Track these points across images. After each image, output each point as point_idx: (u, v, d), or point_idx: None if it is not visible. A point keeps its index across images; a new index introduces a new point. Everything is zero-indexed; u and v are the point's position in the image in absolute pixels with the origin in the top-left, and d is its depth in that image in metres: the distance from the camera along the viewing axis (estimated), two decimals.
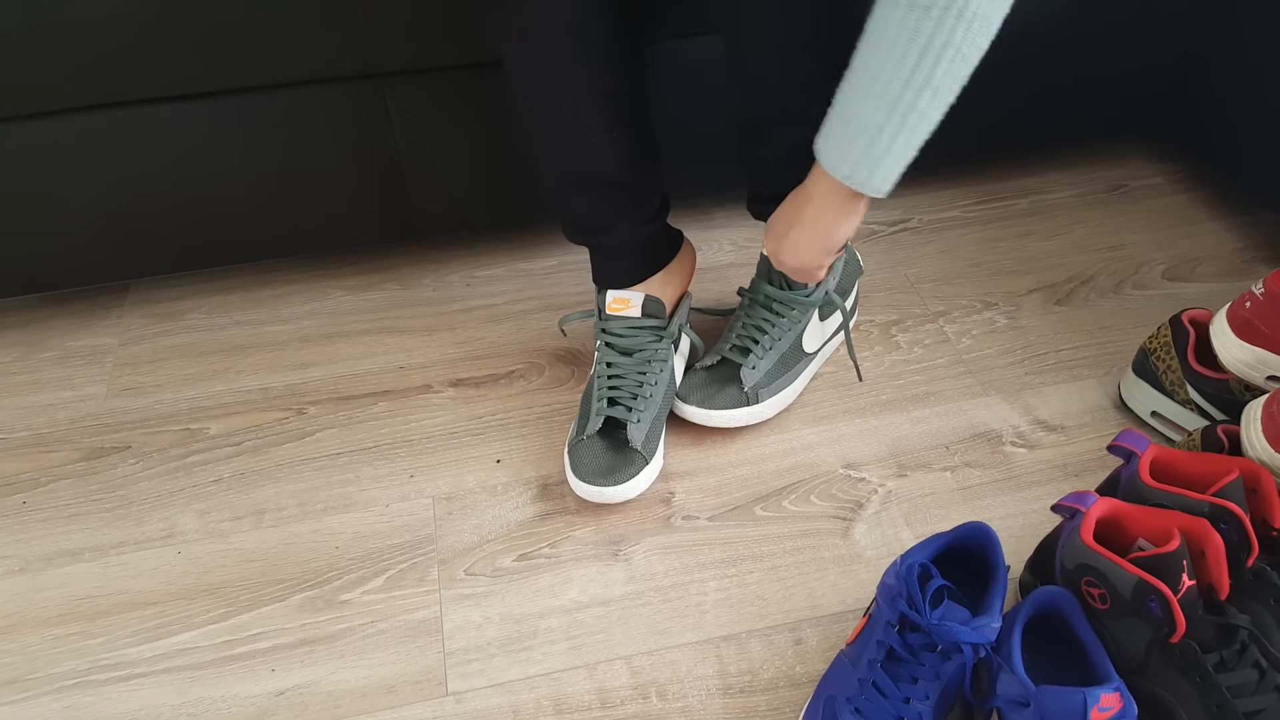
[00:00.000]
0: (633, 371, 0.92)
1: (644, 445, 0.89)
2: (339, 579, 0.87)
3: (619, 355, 0.93)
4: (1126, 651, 0.71)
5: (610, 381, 0.92)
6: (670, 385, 0.95)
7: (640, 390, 0.91)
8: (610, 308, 0.94)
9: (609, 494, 0.88)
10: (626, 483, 0.88)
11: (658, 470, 0.92)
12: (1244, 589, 0.71)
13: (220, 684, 0.80)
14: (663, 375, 0.93)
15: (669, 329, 0.95)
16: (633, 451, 0.89)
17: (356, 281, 1.19)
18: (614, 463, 0.89)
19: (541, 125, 0.86)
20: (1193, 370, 0.91)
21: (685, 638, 0.82)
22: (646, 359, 0.93)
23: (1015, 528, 0.88)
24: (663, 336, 0.94)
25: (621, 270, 0.95)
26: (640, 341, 0.93)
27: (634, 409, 0.90)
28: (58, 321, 1.16)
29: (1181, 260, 1.17)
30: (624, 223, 0.92)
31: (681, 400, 0.95)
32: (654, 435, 0.91)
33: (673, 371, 0.95)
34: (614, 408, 0.91)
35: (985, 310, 1.11)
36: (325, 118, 1.01)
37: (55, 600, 0.86)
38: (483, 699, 0.78)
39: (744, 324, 0.97)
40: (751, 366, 0.94)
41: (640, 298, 0.93)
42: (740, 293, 0.99)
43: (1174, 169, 1.31)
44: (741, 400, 0.94)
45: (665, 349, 0.94)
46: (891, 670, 0.70)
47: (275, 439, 1.00)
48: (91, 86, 0.93)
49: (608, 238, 0.93)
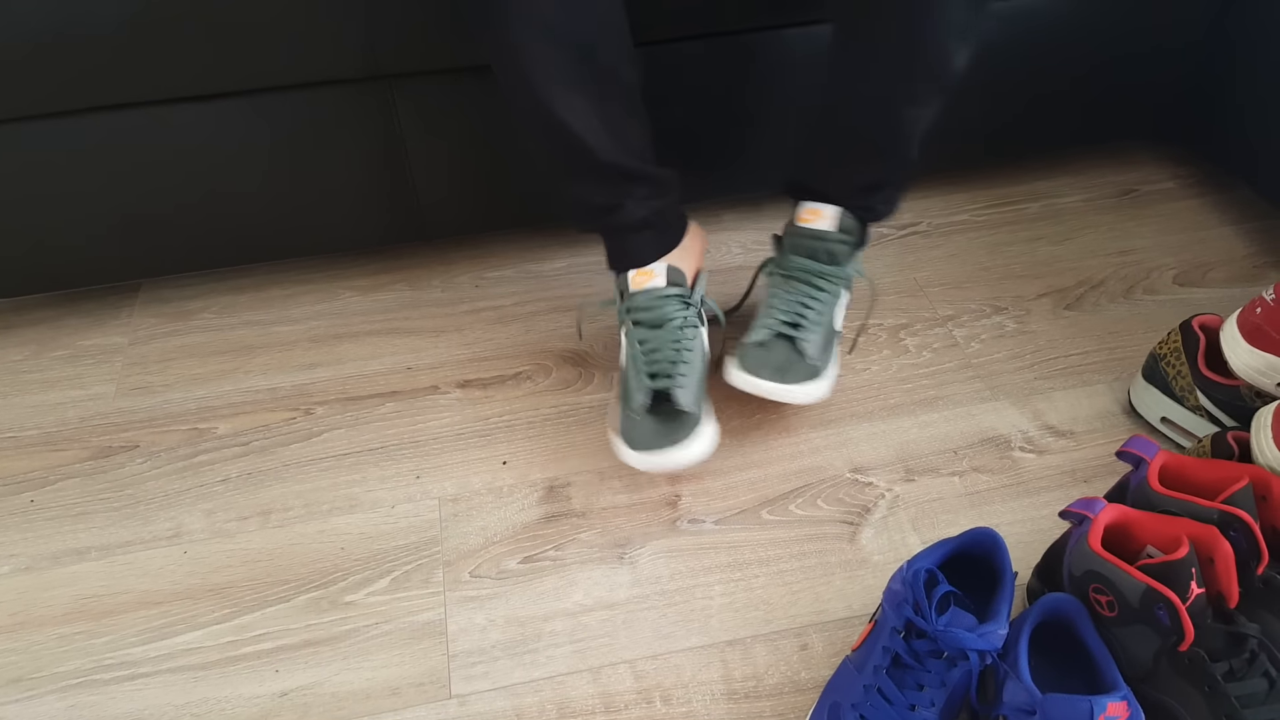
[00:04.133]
0: (667, 343, 0.91)
1: (695, 406, 0.88)
2: (344, 580, 0.87)
3: (649, 330, 0.92)
4: (1134, 659, 0.70)
5: (648, 357, 0.91)
6: (704, 354, 0.94)
7: (679, 356, 0.90)
8: (634, 282, 0.93)
9: (672, 457, 0.85)
10: (686, 443, 0.86)
11: (713, 431, 0.90)
12: (1253, 597, 0.71)
13: (224, 684, 0.80)
14: (696, 342, 0.93)
15: (693, 296, 0.95)
16: (685, 414, 0.87)
17: (365, 282, 1.19)
18: (669, 429, 0.87)
19: (530, 122, 0.86)
20: (1203, 376, 0.90)
21: (690, 642, 0.81)
22: (678, 327, 0.92)
23: (1023, 534, 0.88)
24: (689, 304, 0.94)
25: (636, 249, 0.95)
26: (668, 311, 0.92)
27: (675, 375, 0.89)
28: (69, 320, 1.16)
29: (1192, 265, 1.16)
30: (629, 199, 0.91)
31: (752, 374, 0.90)
32: (701, 398, 0.90)
33: (703, 341, 0.95)
34: (657, 380, 0.89)
35: (994, 314, 1.11)
36: (335, 119, 1.01)
37: (61, 599, 0.86)
38: (486, 702, 0.78)
39: (785, 299, 0.95)
40: (808, 341, 0.92)
41: (664, 267, 0.93)
42: (770, 272, 0.98)
43: (1185, 174, 1.30)
44: (811, 373, 0.92)
45: (694, 316, 0.94)
46: (897, 677, 0.69)
47: (283, 439, 1.00)
48: (102, 88, 0.93)
49: (616, 217, 0.93)
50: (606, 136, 0.86)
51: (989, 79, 1.12)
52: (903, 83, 0.85)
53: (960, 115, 0.98)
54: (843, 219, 0.95)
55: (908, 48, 0.83)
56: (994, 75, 1.12)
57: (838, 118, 0.92)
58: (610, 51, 0.83)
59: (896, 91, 0.86)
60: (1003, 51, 1.10)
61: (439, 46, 0.97)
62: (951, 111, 0.89)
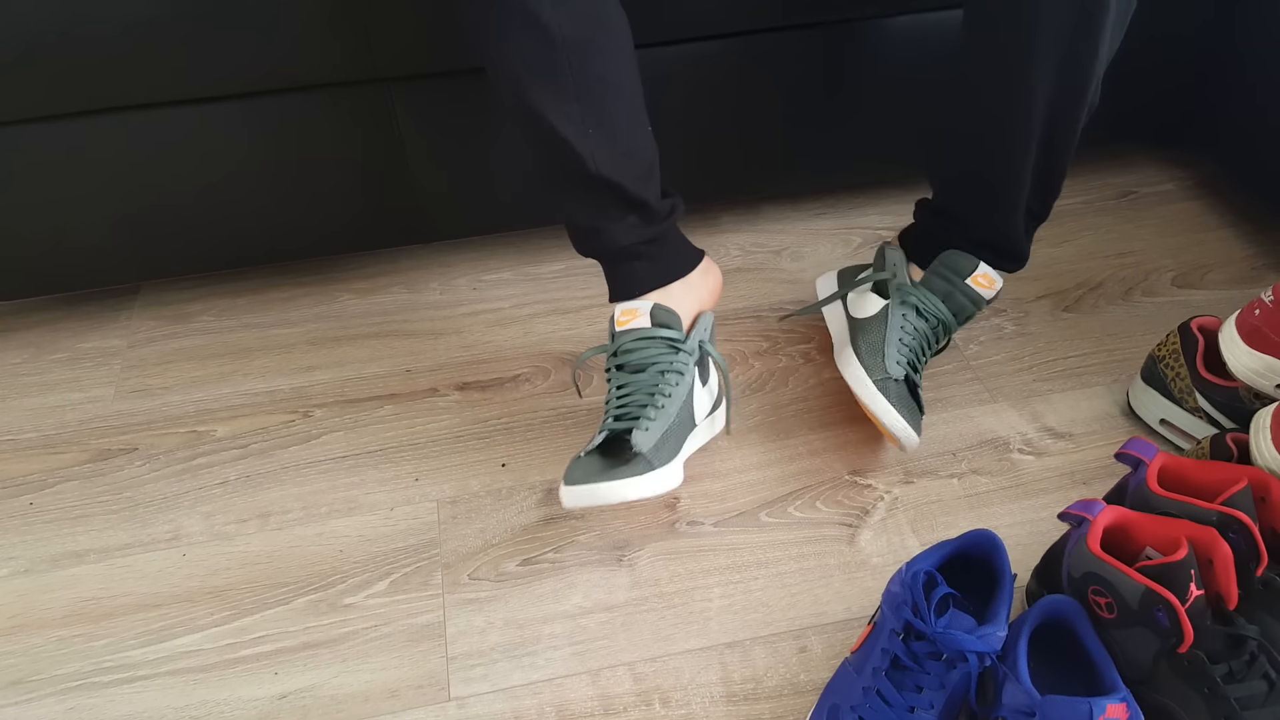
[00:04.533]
0: (644, 386, 0.85)
1: (651, 451, 0.81)
2: (343, 582, 0.87)
3: (630, 375, 0.86)
4: (1133, 661, 0.70)
5: (620, 400, 0.85)
6: (688, 401, 0.87)
7: (651, 400, 0.84)
8: (619, 321, 0.87)
9: (599, 490, 0.79)
10: (624, 480, 0.79)
11: (667, 482, 0.83)
12: (1253, 599, 0.71)
13: (223, 687, 0.80)
14: (679, 388, 0.85)
15: (688, 342, 0.87)
16: (636, 456, 0.82)
17: (364, 285, 1.19)
18: (609, 464, 0.82)
19: (530, 134, 0.82)
20: (1202, 378, 0.90)
21: (689, 644, 0.81)
22: (660, 371, 0.85)
23: (1022, 536, 0.88)
24: (679, 349, 0.86)
25: (621, 280, 0.90)
26: (651, 355, 0.85)
27: (643, 417, 0.83)
28: (68, 323, 1.16)
29: (1191, 267, 1.16)
30: (614, 223, 0.86)
31: (895, 409, 0.86)
32: (666, 445, 0.83)
33: (691, 388, 0.87)
34: (619, 422, 0.84)
35: (993, 317, 1.11)
36: (333, 121, 1.01)
37: (60, 602, 0.86)
38: (485, 704, 0.78)
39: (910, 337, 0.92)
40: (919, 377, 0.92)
41: (648, 305, 0.87)
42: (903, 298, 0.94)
43: (1184, 176, 1.30)
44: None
45: (681, 362, 0.86)
46: (896, 679, 0.69)
47: (281, 442, 1.00)
48: (100, 91, 0.93)
49: (599, 242, 0.88)
50: (599, 147, 0.81)
51: None
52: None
53: None
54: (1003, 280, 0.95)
55: None
56: None
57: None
58: (608, 54, 0.80)
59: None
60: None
61: (437, 49, 0.97)
62: None
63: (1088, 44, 0.81)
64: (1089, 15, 0.79)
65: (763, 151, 1.14)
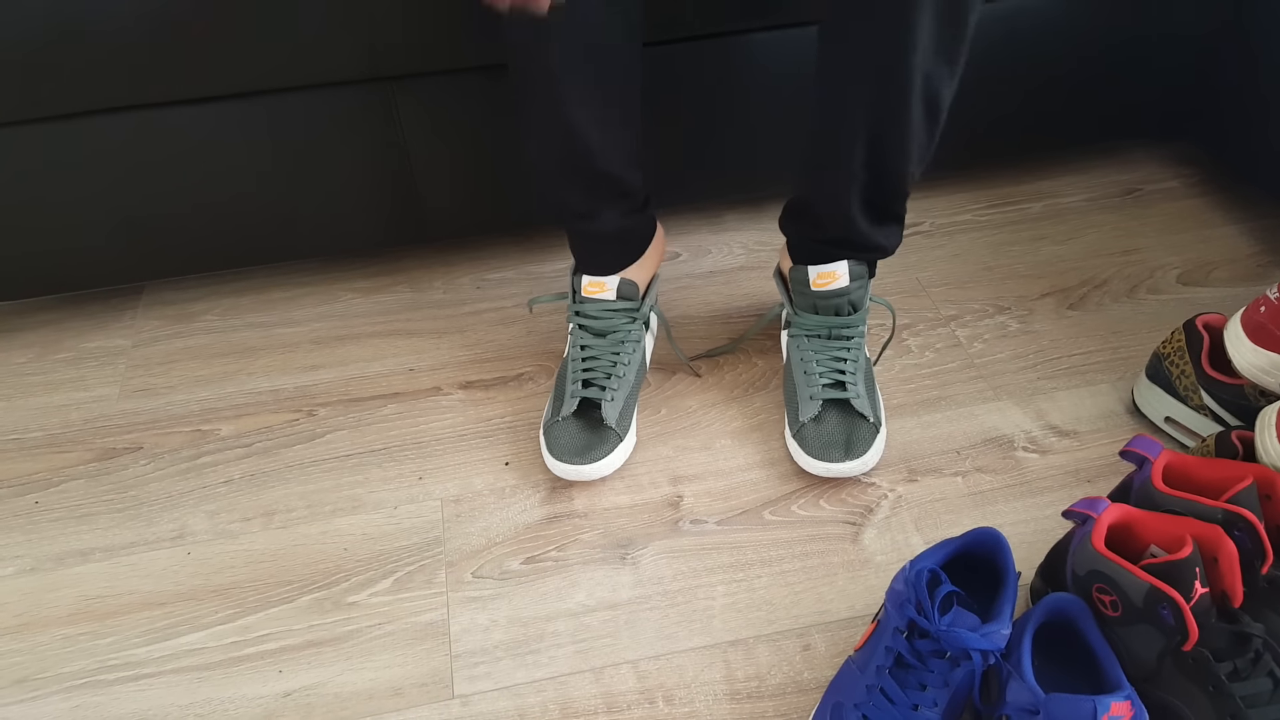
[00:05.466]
0: (606, 353, 0.95)
1: (618, 423, 0.92)
2: (347, 581, 0.87)
3: (593, 337, 0.96)
4: (1138, 659, 0.70)
5: (585, 364, 0.95)
6: (642, 365, 0.98)
7: (614, 370, 0.94)
8: (586, 290, 0.96)
9: (585, 471, 0.91)
10: (602, 460, 0.91)
11: (631, 448, 0.95)
12: (1258, 597, 0.70)
13: (228, 685, 0.80)
14: (635, 356, 0.96)
15: (641, 310, 0.97)
16: (607, 430, 0.92)
17: (367, 284, 1.20)
18: (589, 441, 0.92)
19: (540, 127, 0.86)
20: (1207, 375, 0.90)
21: (692, 642, 0.81)
22: (620, 340, 0.96)
23: (1026, 533, 0.87)
24: (635, 318, 0.97)
25: (603, 258, 0.97)
26: (614, 323, 0.96)
27: (608, 388, 0.93)
28: (72, 323, 1.16)
29: (1196, 264, 1.16)
30: (612, 211, 0.93)
31: (820, 460, 0.90)
32: (627, 413, 0.95)
33: (644, 351, 0.99)
34: (589, 389, 0.93)
35: (997, 314, 1.10)
36: (337, 121, 1.02)
37: (65, 600, 0.87)
38: (489, 702, 0.78)
39: (819, 360, 0.94)
40: (858, 395, 0.93)
41: (615, 280, 0.96)
42: (792, 334, 0.97)
43: (1189, 172, 1.30)
44: (873, 433, 0.92)
45: (638, 330, 0.97)
46: (900, 677, 0.69)
47: (285, 440, 1.00)
48: (104, 91, 0.93)
49: (594, 224, 0.94)
50: (606, 142, 0.86)
51: (992, 79, 1.12)
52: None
53: (964, 115, 0.98)
54: (853, 268, 0.94)
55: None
56: (997, 74, 1.12)
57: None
58: (622, 53, 0.83)
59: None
60: (1006, 50, 1.10)
61: (440, 47, 0.97)
62: (955, 111, 0.89)
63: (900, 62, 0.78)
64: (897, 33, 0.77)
65: (764, 151, 1.14)
